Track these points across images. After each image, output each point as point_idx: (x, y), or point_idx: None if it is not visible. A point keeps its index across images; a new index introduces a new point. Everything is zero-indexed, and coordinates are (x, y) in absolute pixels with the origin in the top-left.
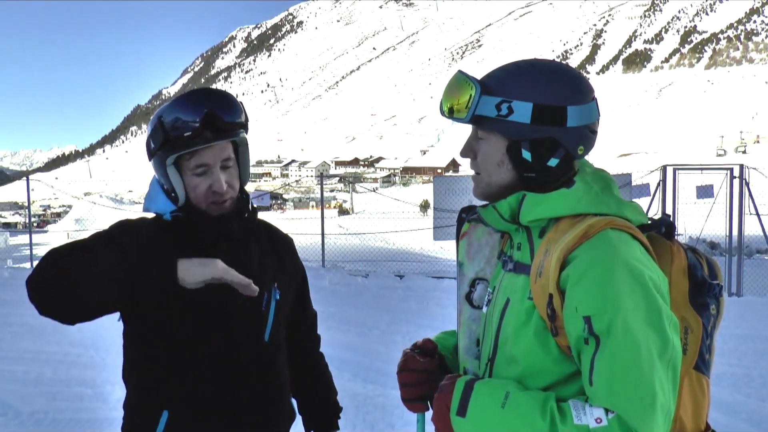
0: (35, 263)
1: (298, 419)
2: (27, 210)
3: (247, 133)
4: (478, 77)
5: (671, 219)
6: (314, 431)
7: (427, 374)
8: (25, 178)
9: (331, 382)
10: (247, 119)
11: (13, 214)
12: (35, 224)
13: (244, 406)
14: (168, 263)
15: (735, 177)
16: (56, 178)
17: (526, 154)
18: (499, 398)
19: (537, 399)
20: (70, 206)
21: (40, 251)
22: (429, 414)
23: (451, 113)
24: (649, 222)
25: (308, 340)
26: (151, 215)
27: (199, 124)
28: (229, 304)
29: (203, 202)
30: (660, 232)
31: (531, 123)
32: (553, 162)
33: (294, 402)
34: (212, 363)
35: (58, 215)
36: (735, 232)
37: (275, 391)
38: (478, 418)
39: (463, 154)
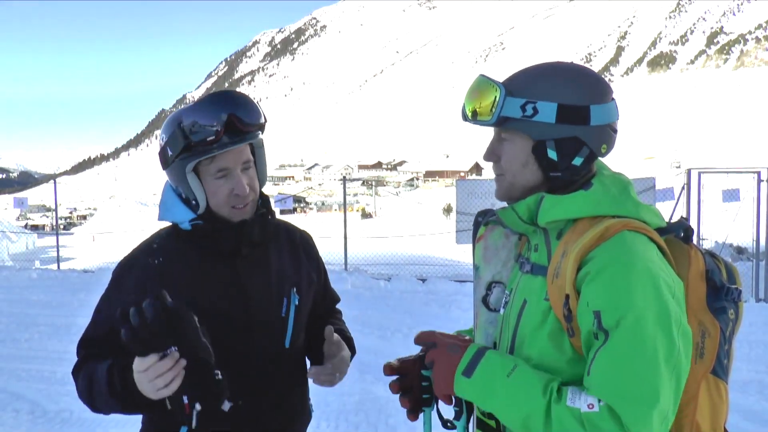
0: (61, 265)
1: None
2: (54, 212)
3: (263, 133)
4: (502, 78)
5: (691, 222)
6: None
7: (405, 375)
8: (52, 180)
9: (349, 334)
10: (265, 120)
11: (41, 217)
12: (62, 226)
13: (266, 413)
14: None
15: (762, 180)
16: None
17: (552, 154)
18: (507, 368)
19: (542, 377)
20: (95, 209)
21: (66, 253)
22: (433, 412)
23: (474, 116)
24: (667, 225)
25: (329, 308)
26: (166, 224)
27: (221, 128)
28: (248, 313)
29: (225, 206)
30: (678, 235)
31: (556, 123)
32: (577, 161)
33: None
34: (232, 371)
35: (84, 218)
36: (762, 237)
37: (297, 396)
38: (483, 381)
39: (487, 157)
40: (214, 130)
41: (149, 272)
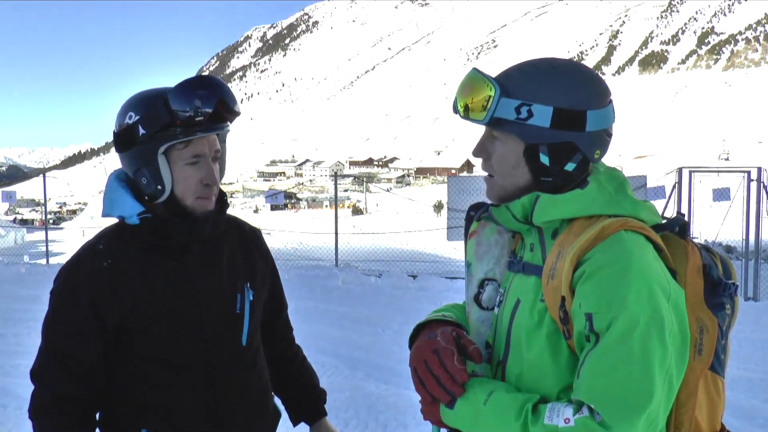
0: (51, 260)
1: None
2: (43, 207)
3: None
4: (493, 75)
5: (686, 219)
6: (305, 422)
7: None
8: (41, 175)
9: (312, 369)
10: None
11: (30, 211)
12: (51, 221)
13: (228, 414)
14: None
15: (752, 180)
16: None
17: (544, 159)
18: (484, 395)
19: (517, 400)
20: (85, 203)
21: (56, 248)
22: None
23: (466, 113)
24: (663, 222)
25: (287, 332)
26: (112, 221)
27: (211, 110)
28: (200, 311)
29: (191, 196)
30: (673, 231)
31: (550, 127)
32: (570, 166)
33: (276, 399)
34: (191, 374)
35: (74, 212)
36: (752, 236)
37: (258, 394)
38: (464, 411)
39: (476, 153)
40: (205, 111)
41: (99, 277)
